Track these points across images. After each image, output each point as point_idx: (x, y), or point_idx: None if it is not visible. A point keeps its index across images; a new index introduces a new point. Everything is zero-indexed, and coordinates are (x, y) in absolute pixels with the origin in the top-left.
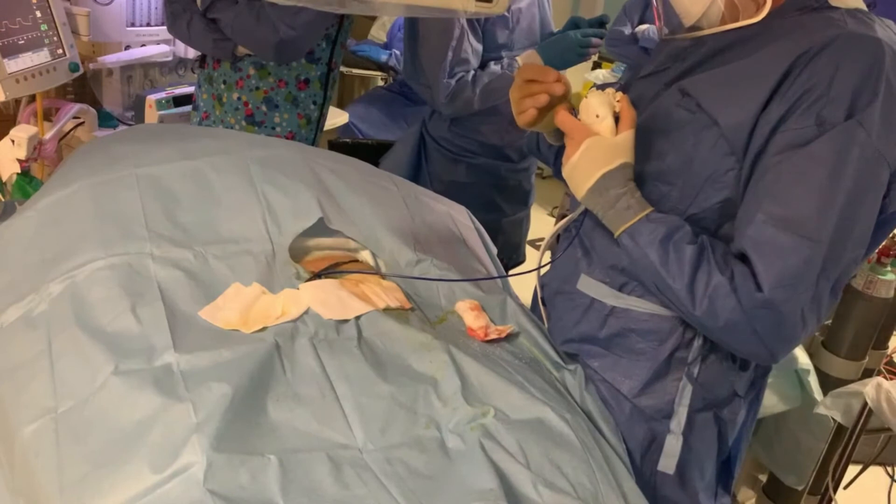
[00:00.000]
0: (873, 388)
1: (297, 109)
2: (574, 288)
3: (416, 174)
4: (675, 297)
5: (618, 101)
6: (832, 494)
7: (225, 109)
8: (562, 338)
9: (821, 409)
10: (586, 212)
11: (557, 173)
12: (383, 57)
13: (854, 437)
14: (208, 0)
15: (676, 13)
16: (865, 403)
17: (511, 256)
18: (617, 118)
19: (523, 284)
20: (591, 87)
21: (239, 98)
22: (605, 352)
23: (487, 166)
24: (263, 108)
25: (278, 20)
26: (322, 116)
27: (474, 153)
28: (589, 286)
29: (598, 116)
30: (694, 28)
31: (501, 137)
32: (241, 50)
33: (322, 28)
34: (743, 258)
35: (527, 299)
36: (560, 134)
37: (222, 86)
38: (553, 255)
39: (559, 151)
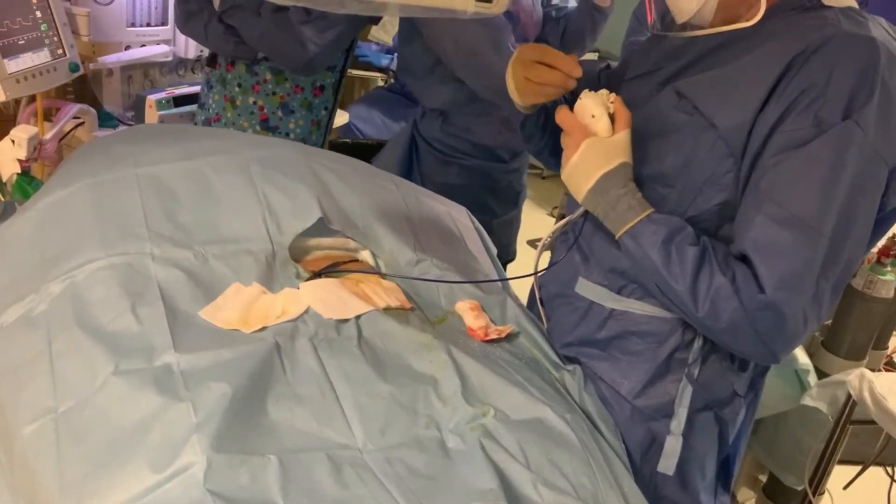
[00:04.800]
0: (857, 379)
1: (311, 115)
2: (573, 291)
3: (408, 176)
4: (677, 298)
5: (611, 102)
6: (824, 488)
7: (238, 112)
8: (561, 341)
9: (807, 401)
10: (586, 216)
11: (528, 140)
12: (384, 62)
13: (840, 428)
14: (227, 4)
15: (669, 10)
16: (850, 394)
17: (500, 255)
18: (612, 118)
19: (521, 283)
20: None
21: (255, 102)
22: (605, 354)
23: (479, 168)
24: (279, 113)
25: (307, 39)
26: (330, 120)
27: (466, 154)
28: (587, 289)
29: (593, 117)
30: (686, 26)
31: (493, 138)
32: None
33: (346, 43)
34: (744, 259)
35: (524, 298)
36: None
37: (237, 88)
38: (551, 256)
39: (526, 119)
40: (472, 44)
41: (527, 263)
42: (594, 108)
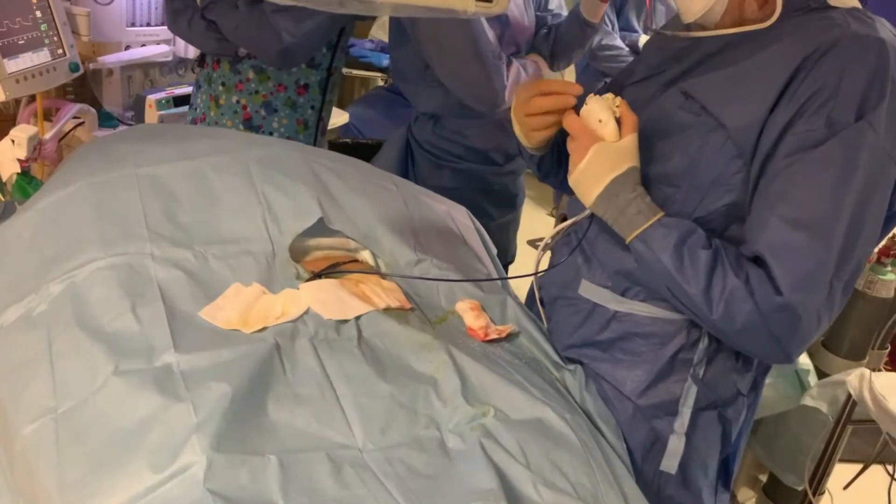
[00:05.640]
0: (857, 379)
1: (296, 115)
2: (575, 293)
3: (403, 178)
4: (690, 301)
5: (617, 107)
6: (824, 487)
7: (222, 112)
8: (563, 343)
9: (807, 401)
10: (591, 218)
11: (545, 178)
12: (385, 62)
13: (840, 427)
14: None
15: (676, 9)
16: (850, 394)
17: (499, 258)
18: (618, 122)
19: (520, 282)
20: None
21: (238, 101)
22: (607, 355)
23: (473, 171)
24: (262, 112)
25: (281, 29)
26: (321, 120)
27: (459, 157)
28: (591, 291)
29: (600, 121)
30: (693, 27)
31: (486, 141)
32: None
33: (327, 36)
34: (756, 261)
35: (522, 299)
36: (542, 146)
37: (220, 87)
38: (551, 258)
39: (542, 160)
40: (453, 50)
41: (525, 263)
42: (600, 112)
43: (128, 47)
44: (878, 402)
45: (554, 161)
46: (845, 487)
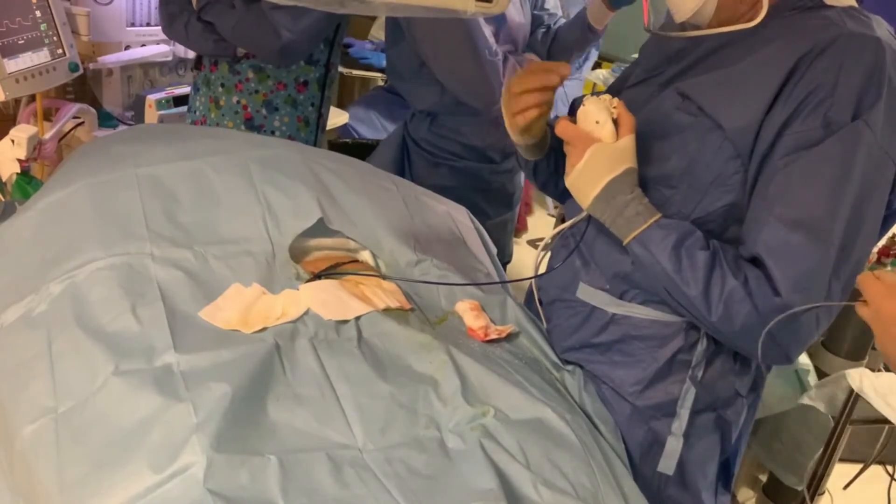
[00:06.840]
0: (857, 375)
1: (297, 112)
2: (573, 296)
3: (400, 177)
4: (689, 303)
5: (614, 108)
6: (824, 487)
7: (222, 113)
8: (561, 345)
9: (805, 400)
10: (588, 220)
11: (542, 186)
12: (385, 62)
13: (840, 427)
14: (203, 1)
15: (668, 8)
16: (851, 392)
17: (497, 256)
18: (615, 123)
19: (517, 284)
20: (589, 93)
21: (238, 101)
22: (606, 357)
23: (469, 169)
24: (263, 111)
25: (280, 25)
26: (321, 117)
27: (455, 155)
28: (589, 294)
29: (597, 123)
30: (685, 26)
31: (483, 138)
32: (243, 49)
33: (324, 32)
34: (754, 262)
35: (521, 297)
36: (537, 148)
37: (220, 89)
38: (550, 259)
39: (537, 166)
40: (449, 48)
41: (525, 263)
42: (598, 113)
43: (128, 47)
44: (880, 395)
45: (550, 170)
46: (845, 487)
